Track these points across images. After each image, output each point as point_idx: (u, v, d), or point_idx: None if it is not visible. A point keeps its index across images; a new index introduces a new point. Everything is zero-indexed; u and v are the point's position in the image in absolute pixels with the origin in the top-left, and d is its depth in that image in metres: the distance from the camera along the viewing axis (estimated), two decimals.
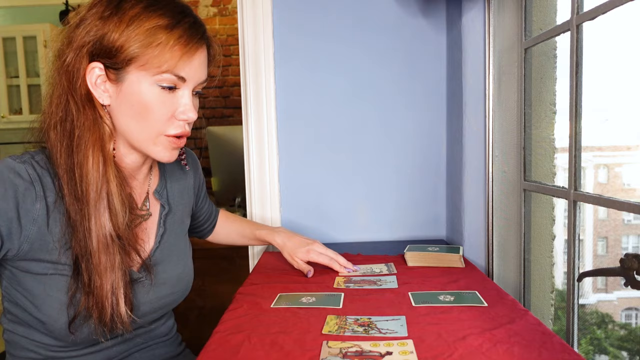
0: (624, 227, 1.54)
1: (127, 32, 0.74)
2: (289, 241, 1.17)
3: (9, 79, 3.37)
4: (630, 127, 1.15)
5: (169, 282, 0.92)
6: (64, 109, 0.77)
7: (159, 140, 0.81)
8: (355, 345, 0.73)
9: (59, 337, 0.81)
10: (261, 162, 1.49)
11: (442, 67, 1.47)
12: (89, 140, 0.76)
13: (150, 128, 0.79)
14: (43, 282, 0.78)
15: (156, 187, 0.94)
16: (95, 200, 0.76)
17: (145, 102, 0.77)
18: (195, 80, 0.81)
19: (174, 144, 0.82)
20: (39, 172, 0.76)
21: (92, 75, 0.77)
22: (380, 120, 1.49)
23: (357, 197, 1.51)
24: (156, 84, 0.77)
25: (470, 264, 1.21)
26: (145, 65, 0.75)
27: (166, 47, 0.75)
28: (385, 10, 1.46)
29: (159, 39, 0.75)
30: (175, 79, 0.78)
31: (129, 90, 0.77)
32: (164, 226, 0.93)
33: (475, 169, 1.29)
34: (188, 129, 0.83)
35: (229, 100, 3.80)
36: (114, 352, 0.90)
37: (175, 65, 0.76)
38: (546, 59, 1.19)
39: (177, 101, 0.80)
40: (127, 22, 0.74)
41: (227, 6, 3.73)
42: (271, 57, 1.46)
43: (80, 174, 0.76)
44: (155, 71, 0.76)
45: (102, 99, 0.78)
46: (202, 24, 0.82)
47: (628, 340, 1.49)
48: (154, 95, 0.77)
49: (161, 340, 0.98)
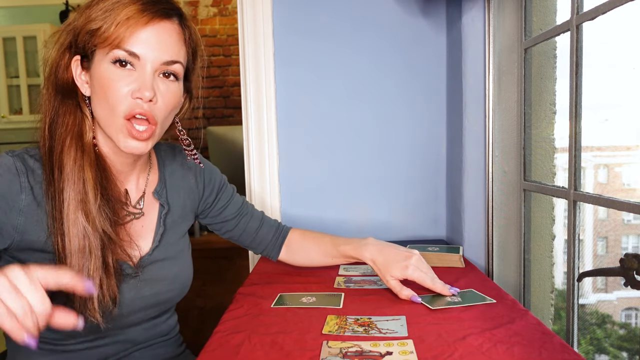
0: (624, 227, 1.54)
1: (92, 14, 0.75)
2: (380, 255, 0.99)
3: (9, 79, 3.37)
4: (630, 127, 1.15)
5: (166, 279, 0.92)
6: (52, 105, 0.80)
7: (123, 126, 0.78)
8: (356, 345, 0.73)
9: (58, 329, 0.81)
10: (261, 162, 1.49)
11: (442, 67, 1.47)
12: (69, 130, 0.79)
13: (110, 109, 0.77)
14: None
15: (155, 187, 0.94)
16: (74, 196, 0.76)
17: (104, 82, 0.76)
18: (154, 57, 0.77)
19: (133, 131, 0.78)
20: (30, 164, 0.78)
21: (75, 68, 0.80)
22: (380, 120, 1.49)
23: (357, 197, 1.51)
24: (110, 62, 0.76)
25: (470, 264, 1.21)
26: (102, 43, 0.75)
27: (119, 20, 0.74)
28: (385, 11, 1.46)
29: (115, 14, 0.74)
30: (126, 54, 0.75)
31: (95, 74, 0.78)
32: (163, 225, 0.93)
33: (475, 169, 1.30)
34: (147, 109, 0.77)
35: (229, 100, 3.80)
36: (115, 349, 0.90)
37: (125, 40, 0.74)
38: (546, 59, 1.19)
39: (134, 80, 0.77)
40: (95, 6, 0.76)
41: (227, 6, 3.73)
42: (271, 57, 1.46)
43: (59, 170, 0.77)
44: (109, 48, 0.75)
45: (84, 89, 0.80)
46: (170, 2, 0.80)
47: (628, 340, 1.50)
48: (110, 73, 0.76)
49: (162, 339, 0.98)
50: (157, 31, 0.77)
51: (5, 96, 3.36)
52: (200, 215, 1.08)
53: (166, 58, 0.78)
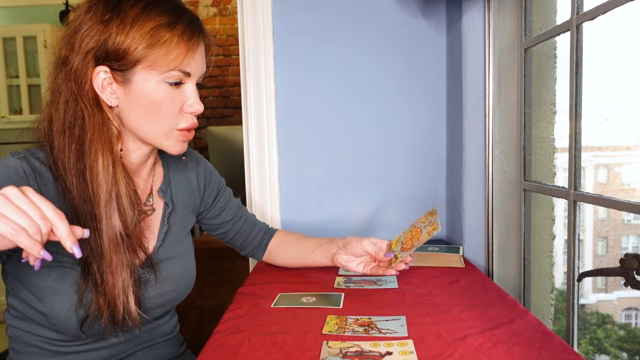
0: (624, 227, 1.54)
1: (131, 34, 0.76)
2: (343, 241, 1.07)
3: (9, 79, 3.37)
4: (630, 127, 1.15)
5: (171, 279, 0.93)
6: (73, 114, 0.78)
7: (171, 134, 0.84)
8: (356, 345, 0.73)
9: (62, 330, 0.82)
10: (261, 162, 1.49)
11: (442, 67, 1.47)
12: (99, 142, 0.78)
13: (162, 124, 0.82)
14: (46, 274, 0.79)
15: (160, 186, 0.95)
16: (105, 202, 0.78)
17: (155, 100, 0.80)
18: (199, 73, 0.84)
19: (184, 137, 0.86)
20: (37, 167, 0.78)
21: (98, 79, 0.78)
22: (380, 120, 1.49)
23: (357, 196, 1.51)
24: (164, 82, 0.80)
25: (470, 264, 1.21)
26: (153, 65, 0.78)
27: (171, 45, 0.78)
28: (385, 11, 1.46)
29: (163, 37, 0.77)
30: (182, 75, 0.80)
31: (138, 90, 0.79)
32: (167, 224, 0.94)
33: (475, 169, 1.30)
34: (196, 121, 0.87)
35: (229, 100, 3.80)
36: (117, 350, 0.90)
37: (181, 62, 0.79)
38: (546, 59, 1.19)
39: (184, 95, 0.83)
40: (130, 24, 0.76)
41: (227, 6, 3.73)
42: (271, 57, 1.46)
43: (91, 176, 0.77)
44: (163, 69, 0.78)
45: (110, 101, 0.80)
46: (198, 18, 0.85)
47: (627, 340, 1.49)
48: (163, 92, 0.80)
49: (164, 339, 0.99)
50: (200, 50, 0.84)
51: (5, 96, 3.36)
52: (199, 215, 1.09)
53: (204, 70, 0.86)
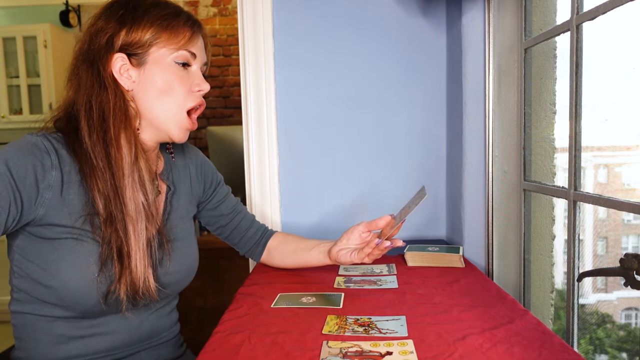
0: (624, 227, 1.53)
1: (143, 22, 0.86)
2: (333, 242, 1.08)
3: (9, 79, 3.37)
4: (630, 127, 1.15)
5: (176, 259, 0.95)
6: (96, 96, 0.85)
7: (180, 118, 0.91)
8: (356, 345, 0.73)
9: (70, 304, 0.83)
10: (261, 162, 1.49)
11: (442, 67, 1.47)
12: (121, 120, 0.86)
13: (173, 103, 0.89)
14: (56, 246, 0.82)
15: (162, 171, 1.00)
16: (129, 173, 0.84)
17: (168, 79, 0.88)
18: (202, 59, 0.93)
19: (189, 125, 0.92)
20: (55, 145, 0.83)
21: (116, 65, 0.87)
22: (380, 120, 1.49)
23: (357, 197, 1.51)
24: (174, 62, 0.88)
25: (470, 264, 1.21)
26: (164, 46, 0.87)
27: (178, 28, 0.88)
28: (385, 11, 1.46)
29: (171, 23, 0.88)
30: (189, 55, 0.89)
31: (152, 70, 0.88)
32: (170, 204, 0.98)
33: (475, 169, 1.30)
34: (204, 101, 0.94)
35: (229, 100, 3.80)
36: (121, 337, 0.90)
37: (187, 42, 0.89)
38: (546, 59, 1.19)
39: (192, 76, 0.91)
40: (141, 16, 0.87)
41: (227, 6, 3.73)
42: (271, 57, 1.46)
43: (115, 150, 0.84)
44: (173, 49, 0.87)
45: (127, 85, 0.88)
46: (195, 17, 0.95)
47: (627, 341, 1.50)
48: (173, 71, 0.88)
49: (165, 338, 0.99)
50: (201, 40, 0.93)
51: (5, 96, 3.36)
52: (199, 206, 1.12)
53: (205, 59, 0.95)
